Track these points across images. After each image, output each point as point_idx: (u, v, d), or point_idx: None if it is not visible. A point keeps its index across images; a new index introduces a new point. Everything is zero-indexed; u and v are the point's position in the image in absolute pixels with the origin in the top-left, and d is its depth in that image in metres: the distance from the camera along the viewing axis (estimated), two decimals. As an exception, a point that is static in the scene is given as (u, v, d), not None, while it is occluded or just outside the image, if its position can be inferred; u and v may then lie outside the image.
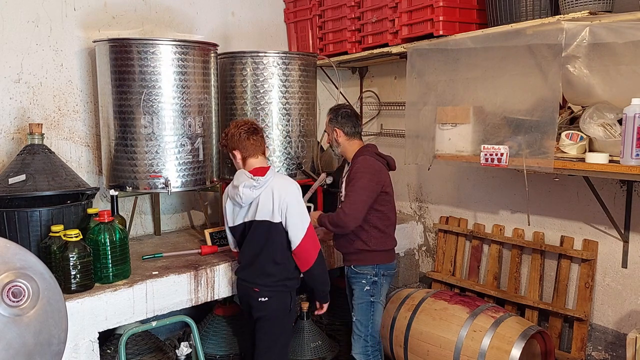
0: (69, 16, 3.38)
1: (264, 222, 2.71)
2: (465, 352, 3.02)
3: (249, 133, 2.77)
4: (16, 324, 2.08)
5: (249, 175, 2.71)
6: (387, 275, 3.06)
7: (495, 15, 3.04)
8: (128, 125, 3.10)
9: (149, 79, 3.05)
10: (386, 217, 3.04)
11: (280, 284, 2.77)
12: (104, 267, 2.69)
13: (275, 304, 2.78)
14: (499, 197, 3.65)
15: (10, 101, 3.21)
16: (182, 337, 2.97)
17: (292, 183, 2.80)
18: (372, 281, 3.01)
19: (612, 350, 3.11)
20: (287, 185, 2.75)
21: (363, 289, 3.03)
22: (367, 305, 3.03)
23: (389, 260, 3.07)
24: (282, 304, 2.80)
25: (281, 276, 2.76)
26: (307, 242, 2.72)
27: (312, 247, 2.74)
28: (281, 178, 2.81)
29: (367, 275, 3.02)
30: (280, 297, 2.79)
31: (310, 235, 2.74)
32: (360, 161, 3.00)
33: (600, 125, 2.62)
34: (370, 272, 3.01)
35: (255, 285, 2.77)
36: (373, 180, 2.94)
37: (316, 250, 2.76)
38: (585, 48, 2.54)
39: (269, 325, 2.81)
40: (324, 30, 4.15)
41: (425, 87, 3.32)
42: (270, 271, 2.74)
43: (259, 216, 2.71)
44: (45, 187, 2.76)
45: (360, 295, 3.04)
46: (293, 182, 2.82)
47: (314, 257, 2.74)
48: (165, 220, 3.89)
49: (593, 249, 3.14)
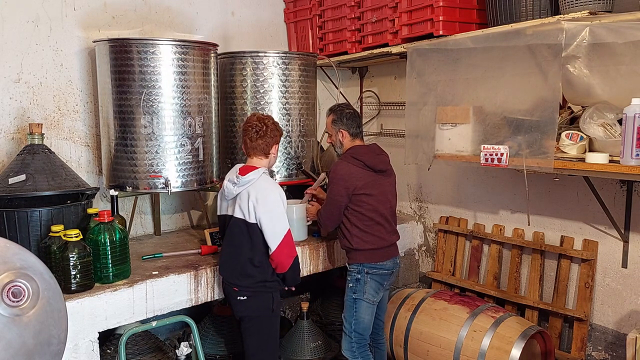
0: (69, 16, 3.38)
1: (240, 220, 2.75)
2: (465, 352, 3.02)
3: (250, 134, 2.79)
4: (16, 324, 2.07)
5: (236, 170, 2.78)
6: (372, 274, 3.03)
7: (495, 15, 3.04)
8: (128, 125, 3.10)
9: (149, 79, 3.05)
10: (366, 217, 3.02)
11: (259, 284, 2.78)
12: (104, 267, 2.69)
13: (254, 303, 2.79)
14: (499, 197, 3.65)
15: (10, 101, 3.21)
16: (182, 337, 2.97)
17: (272, 192, 2.75)
18: (355, 278, 3.04)
19: (612, 350, 3.11)
20: (267, 192, 2.73)
21: (348, 286, 3.09)
22: (350, 302, 3.06)
23: (375, 260, 3.03)
24: (263, 303, 2.80)
25: (260, 278, 2.78)
26: (283, 249, 2.74)
27: (287, 255, 2.76)
28: (265, 182, 2.76)
29: (352, 273, 3.07)
30: (260, 297, 2.80)
31: (286, 243, 2.74)
32: (333, 168, 3.09)
33: (600, 125, 2.62)
34: (355, 269, 3.05)
35: (235, 285, 2.80)
36: (341, 186, 3.00)
37: (291, 258, 2.78)
38: (585, 48, 2.54)
39: (253, 327, 2.81)
40: (324, 30, 4.15)
41: (425, 87, 3.32)
42: (250, 272, 2.77)
43: (237, 213, 2.76)
44: (45, 187, 2.76)
45: (346, 292, 3.10)
46: (275, 190, 2.77)
47: (289, 264, 2.77)
48: (165, 220, 3.89)
49: (593, 249, 3.13)
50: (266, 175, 2.81)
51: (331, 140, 3.21)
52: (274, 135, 2.82)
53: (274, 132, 2.82)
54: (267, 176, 2.82)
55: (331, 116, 3.15)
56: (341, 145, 3.15)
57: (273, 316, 2.85)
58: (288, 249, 2.76)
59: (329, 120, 3.17)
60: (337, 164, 3.08)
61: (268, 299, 2.80)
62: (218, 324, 3.59)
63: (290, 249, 2.78)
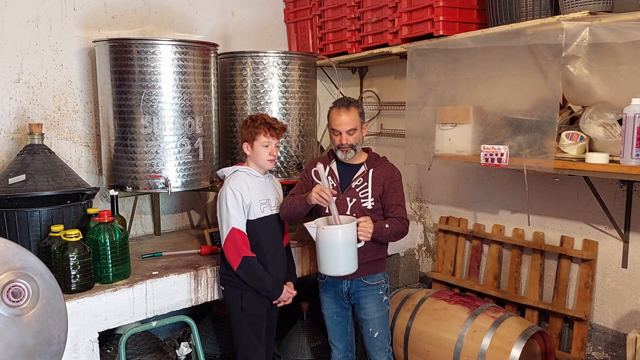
0: (69, 16, 3.38)
1: None
2: (465, 352, 3.02)
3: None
4: (16, 324, 2.07)
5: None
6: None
7: (495, 15, 3.04)
8: (128, 125, 3.10)
9: (149, 79, 3.05)
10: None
11: (227, 277, 2.82)
12: (104, 267, 2.69)
13: (227, 295, 2.86)
14: (499, 197, 3.65)
15: (10, 101, 3.21)
16: (182, 337, 2.96)
17: (224, 188, 2.75)
18: (386, 288, 2.96)
19: (612, 350, 3.11)
20: (223, 188, 2.78)
21: (382, 300, 2.95)
22: (386, 316, 2.97)
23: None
24: (233, 299, 2.82)
25: (225, 271, 2.83)
26: (227, 247, 2.73)
27: (232, 253, 2.72)
28: (227, 182, 2.78)
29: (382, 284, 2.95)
30: (231, 290, 2.83)
31: (229, 241, 2.71)
32: (393, 170, 2.86)
33: (600, 125, 2.62)
34: (384, 279, 2.96)
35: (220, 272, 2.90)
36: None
37: (236, 257, 2.70)
38: (585, 48, 2.54)
39: (230, 317, 2.89)
40: (324, 30, 4.15)
41: (425, 87, 3.32)
42: (223, 263, 2.85)
43: None
44: (45, 187, 2.76)
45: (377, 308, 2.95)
46: (226, 187, 2.75)
47: (236, 263, 2.71)
48: (165, 220, 3.89)
49: (593, 249, 3.13)
50: (238, 173, 2.80)
51: (351, 141, 2.77)
52: (242, 133, 2.84)
53: (242, 129, 2.84)
54: (238, 173, 2.80)
55: (356, 109, 2.80)
56: (361, 143, 2.87)
57: (244, 315, 2.80)
58: (233, 247, 2.71)
59: (356, 114, 2.78)
60: (393, 167, 2.86)
61: (237, 295, 2.80)
62: (218, 324, 3.59)
63: (235, 248, 2.71)
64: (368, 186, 2.82)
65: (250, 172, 2.82)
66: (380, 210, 2.82)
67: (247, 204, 2.74)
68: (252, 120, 2.79)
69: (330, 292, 2.95)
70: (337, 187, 2.85)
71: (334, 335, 3.01)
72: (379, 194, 2.80)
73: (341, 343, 3.01)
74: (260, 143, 2.76)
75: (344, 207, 2.81)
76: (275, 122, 2.79)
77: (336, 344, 3.01)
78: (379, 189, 2.81)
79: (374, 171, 2.84)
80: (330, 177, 2.84)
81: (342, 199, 2.82)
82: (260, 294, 2.79)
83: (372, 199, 2.80)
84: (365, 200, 2.80)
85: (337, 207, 2.67)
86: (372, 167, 2.85)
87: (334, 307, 2.97)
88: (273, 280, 2.79)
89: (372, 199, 2.80)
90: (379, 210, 2.82)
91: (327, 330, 3.03)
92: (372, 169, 2.85)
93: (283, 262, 2.94)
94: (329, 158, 2.95)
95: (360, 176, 2.84)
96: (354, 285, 2.87)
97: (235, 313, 2.84)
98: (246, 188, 2.75)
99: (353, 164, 2.87)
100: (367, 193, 2.81)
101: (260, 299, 2.81)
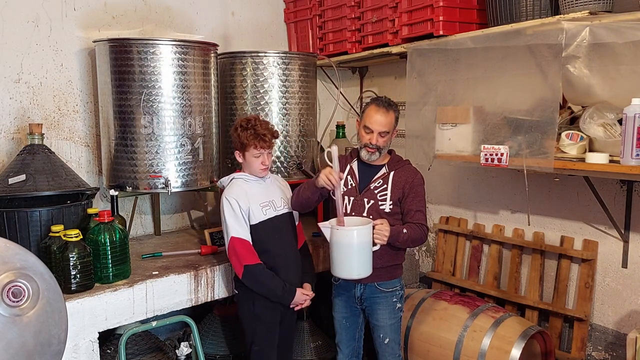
0: (69, 16, 3.38)
1: None
2: (466, 352, 3.02)
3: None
4: (16, 324, 2.07)
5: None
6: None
7: (495, 15, 3.04)
8: (128, 125, 3.10)
9: (149, 79, 3.05)
10: None
11: (239, 281, 2.77)
12: (104, 267, 2.69)
13: (240, 299, 2.82)
14: (499, 197, 3.65)
15: (10, 101, 3.21)
16: (182, 337, 2.96)
17: (223, 196, 2.75)
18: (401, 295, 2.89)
19: (612, 350, 3.11)
20: (222, 197, 2.77)
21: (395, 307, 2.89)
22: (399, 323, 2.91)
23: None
24: (244, 303, 2.79)
25: (236, 276, 2.77)
26: (230, 255, 2.72)
27: (235, 260, 2.70)
28: (227, 188, 2.79)
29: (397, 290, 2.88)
30: (243, 295, 2.79)
31: (231, 249, 2.70)
32: (416, 174, 2.76)
33: (600, 125, 2.62)
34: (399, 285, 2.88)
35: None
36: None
37: (239, 265, 2.68)
38: (585, 48, 2.54)
39: (241, 322, 2.85)
40: (324, 30, 4.15)
41: (425, 87, 3.32)
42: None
43: None
44: (45, 187, 2.76)
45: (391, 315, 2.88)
46: (223, 200, 2.74)
47: (239, 271, 2.69)
48: (165, 220, 3.89)
49: (593, 249, 3.13)
50: (234, 181, 2.79)
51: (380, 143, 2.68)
52: (233, 138, 2.80)
53: (233, 135, 2.78)
54: (234, 181, 2.79)
55: (394, 114, 2.71)
56: (387, 147, 2.77)
57: (255, 321, 2.76)
58: (234, 256, 2.70)
59: (393, 118, 2.70)
60: (416, 171, 2.78)
61: (249, 300, 2.75)
62: (218, 324, 3.59)
63: (237, 257, 2.68)
64: (387, 189, 2.72)
65: (247, 178, 2.80)
66: (398, 215, 2.72)
67: (246, 209, 2.71)
68: (243, 129, 2.71)
69: (343, 295, 2.87)
70: (355, 187, 2.76)
71: (340, 339, 2.95)
72: (398, 198, 2.70)
73: (347, 348, 2.95)
74: (251, 154, 2.73)
75: (361, 209, 2.72)
76: (265, 134, 2.69)
77: (342, 347, 2.96)
78: (399, 192, 2.71)
79: (395, 174, 2.74)
80: (349, 177, 2.78)
81: (360, 199, 2.74)
82: (271, 300, 2.74)
83: (390, 202, 2.70)
84: (384, 202, 2.71)
85: (353, 208, 2.66)
86: (393, 170, 2.75)
87: (344, 311, 2.89)
88: (282, 285, 2.70)
89: (390, 202, 2.70)
90: (397, 215, 2.72)
91: (335, 332, 2.98)
92: (393, 172, 2.75)
93: (297, 264, 2.85)
94: (350, 157, 2.86)
95: (380, 178, 2.75)
96: (368, 290, 2.79)
97: (247, 318, 2.80)
98: (243, 194, 2.72)
99: (374, 164, 2.78)
100: (386, 196, 2.71)
101: (272, 305, 2.75)
